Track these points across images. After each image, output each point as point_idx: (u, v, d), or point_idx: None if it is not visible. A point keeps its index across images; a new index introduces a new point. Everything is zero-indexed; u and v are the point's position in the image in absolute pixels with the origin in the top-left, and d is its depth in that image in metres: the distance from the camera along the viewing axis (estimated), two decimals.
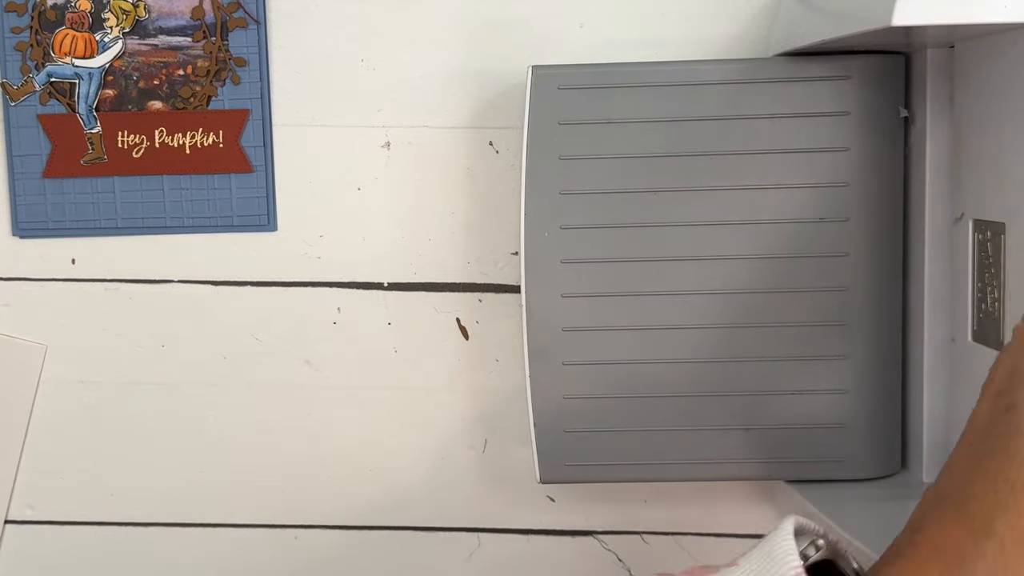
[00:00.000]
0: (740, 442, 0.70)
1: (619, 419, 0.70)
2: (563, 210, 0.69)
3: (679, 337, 0.69)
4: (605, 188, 0.69)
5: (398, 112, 0.75)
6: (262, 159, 0.75)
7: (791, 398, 0.69)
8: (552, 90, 0.68)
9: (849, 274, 0.68)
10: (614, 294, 0.69)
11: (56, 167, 0.74)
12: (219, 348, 0.77)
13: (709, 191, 0.68)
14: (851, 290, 0.68)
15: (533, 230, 0.69)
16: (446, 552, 0.79)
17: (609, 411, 0.70)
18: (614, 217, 0.69)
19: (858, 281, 0.68)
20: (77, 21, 0.73)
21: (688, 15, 0.73)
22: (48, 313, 0.76)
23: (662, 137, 0.68)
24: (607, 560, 0.79)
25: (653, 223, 0.69)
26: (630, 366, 0.70)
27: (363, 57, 0.74)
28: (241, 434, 0.78)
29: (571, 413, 0.70)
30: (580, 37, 0.73)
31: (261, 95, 0.74)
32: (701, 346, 0.69)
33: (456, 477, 0.78)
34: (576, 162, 0.68)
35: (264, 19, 0.74)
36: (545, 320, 0.70)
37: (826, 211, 0.68)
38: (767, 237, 0.68)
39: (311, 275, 0.76)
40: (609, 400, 0.70)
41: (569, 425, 0.70)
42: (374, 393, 0.77)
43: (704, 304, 0.69)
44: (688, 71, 0.68)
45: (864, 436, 0.69)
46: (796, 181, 0.68)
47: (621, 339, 0.69)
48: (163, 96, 0.74)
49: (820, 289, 0.68)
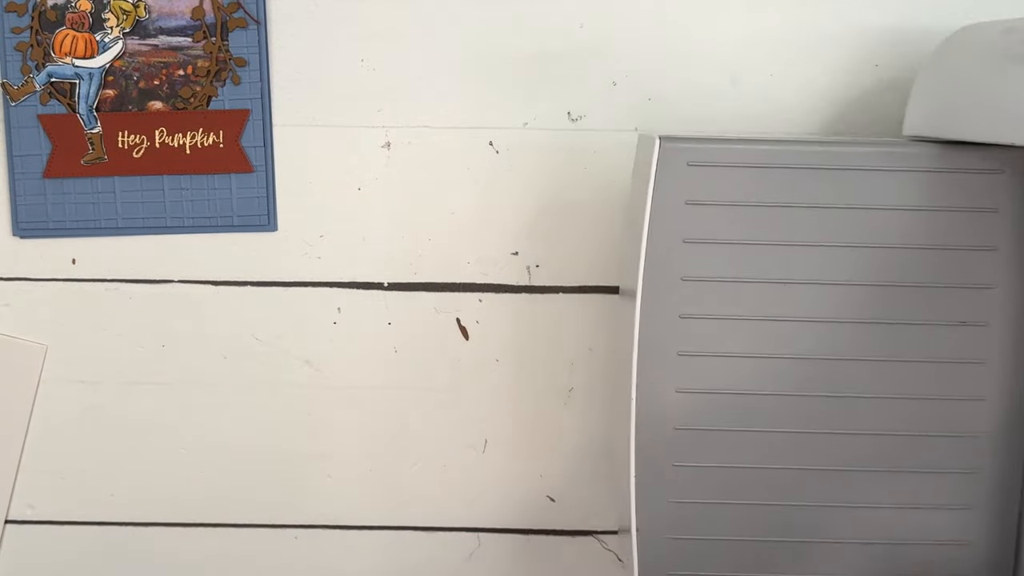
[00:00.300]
0: (857, 555, 0.64)
1: (729, 526, 0.64)
2: (685, 297, 0.62)
3: (796, 441, 0.63)
4: (729, 276, 0.62)
5: (398, 112, 0.75)
6: (262, 159, 0.75)
7: (912, 512, 0.64)
8: (681, 166, 0.61)
9: (986, 384, 0.63)
10: (731, 392, 0.63)
11: (56, 167, 0.74)
12: (219, 348, 0.77)
13: (844, 286, 0.62)
14: (986, 400, 0.63)
15: (649, 317, 0.62)
16: (446, 552, 0.79)
17: (719, 518, 0.64)
18: (738, 309, 0.62)
19: (995, 391, 0.63)
20: (77, 21, 0.73)
21: (804, 79, 0.73)
22: (48, 313, 0.76)
23: (791, 222, 0.62)
24: (607, 560, 0.79)
25: (779, 317, 0.62)
26: (744, 470, 0.64)
27: (363, 57, 0.74)
28: (241, 434, 0.78)
29: (678, 517, 0.64)
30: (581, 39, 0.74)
31: (261, 95, 0.74)
32: (821, 452, 0.64)
33: (456, 477, 0.78)
34: (701, 245, 0.62)
35: (264, 19, 0.74)
36: (657, 416, 0.63)
37: (967, 314, 0.63)
38: (900, 338, 0.63)
39: (311, 275, 0.76)
40: (720, 506, 0.64)
41: (675, 531, 0.64)
42: (374, 393, 0.77)
43: (828, 408, 0.63)
44: (825, 154, 0.62)
45: (984, 554, 0.64)
46: (935, 279, 0.62)
47: (733, 439, 0.64)
48: (163, 96, 0.74)
49: (953, 398, 0.63)
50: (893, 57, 0.72)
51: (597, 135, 0.75)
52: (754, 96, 0.73)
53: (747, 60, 0.73)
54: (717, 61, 0.73)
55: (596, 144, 0.75)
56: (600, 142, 0.75)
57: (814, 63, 0.72)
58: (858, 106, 0.73)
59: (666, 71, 0.73)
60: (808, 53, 0.72)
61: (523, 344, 0.77)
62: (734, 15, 0.73)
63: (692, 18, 0.73)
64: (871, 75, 0.73)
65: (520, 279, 0.76)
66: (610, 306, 0.76)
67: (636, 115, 0.74)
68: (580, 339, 0.76)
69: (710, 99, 0.73)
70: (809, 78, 0.73)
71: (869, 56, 0.72)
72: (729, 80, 0.73)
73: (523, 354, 0.77)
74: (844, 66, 0.73)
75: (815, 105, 0.73)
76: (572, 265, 0.76)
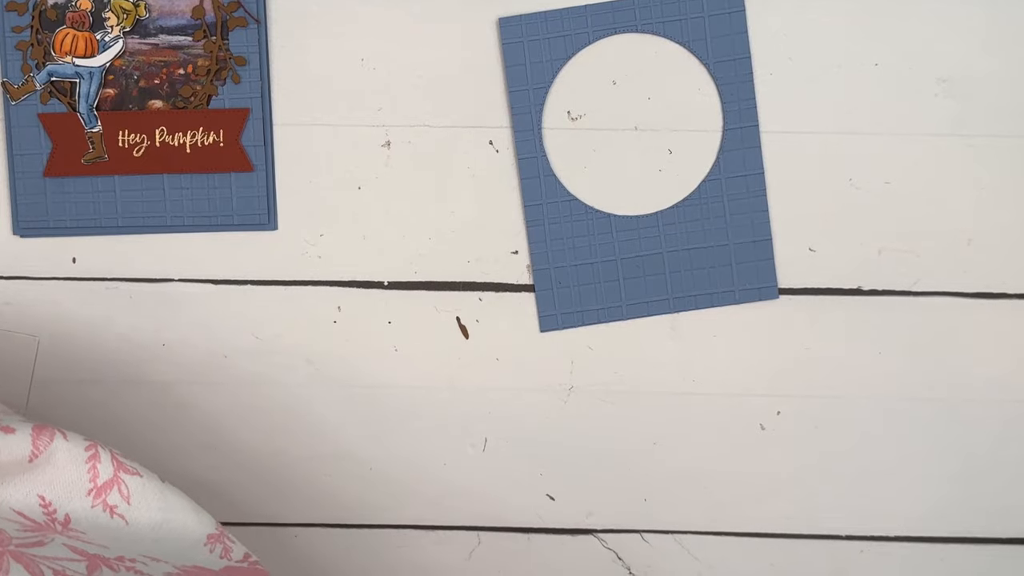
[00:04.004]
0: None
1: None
2: None
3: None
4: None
5: (398, 112, 0.75)
6: (262, 158, 0.75)
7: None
8: None
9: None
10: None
11: (57, 166, 0.74)
12: (219, 348, 0.77)
13: None
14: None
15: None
16: (446, 552, 0.79)
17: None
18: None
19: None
20: (78, 20, 0.73)
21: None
22: (48, 312, 0.76)
23: None
24: (607, 559, 0.79)
25: None
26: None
27: (363, 57, 0.75)
28: (241, 433, 0.78)
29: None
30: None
31: (261, 94, 0.74)
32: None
33: (456, 477, 0.78)
34: None
35: (264, 18, 0.74)
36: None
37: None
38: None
39: (311, 274, 0.76)
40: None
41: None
42: (374, 392, 0.77)
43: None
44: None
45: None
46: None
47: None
48: (164, 95, 0.74)
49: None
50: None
51: (598, 135, 0.75)
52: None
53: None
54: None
55: (596, 144, 0.75)
56: (600, 142, 0.75)
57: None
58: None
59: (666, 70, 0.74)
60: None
61: (523, 344, 0.77)
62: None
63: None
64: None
65: (520, 279, 0.76)
66: None
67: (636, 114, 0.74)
68: (580, 338, 0.76)
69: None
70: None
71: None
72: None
73: (523, 354, 0.77)
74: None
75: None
76: None
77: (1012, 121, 0.74)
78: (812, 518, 0.78)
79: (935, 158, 0.75)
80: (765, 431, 0.77)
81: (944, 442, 0.77)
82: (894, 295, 0.76)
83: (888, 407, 0.77)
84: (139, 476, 0.61)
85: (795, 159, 0.75)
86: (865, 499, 0.77)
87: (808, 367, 0.76)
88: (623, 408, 0.77)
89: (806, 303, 0.76)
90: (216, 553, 0.61)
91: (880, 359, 0.76)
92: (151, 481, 0.61)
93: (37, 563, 0.52)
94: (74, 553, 0.55)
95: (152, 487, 0.61)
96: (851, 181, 0.75)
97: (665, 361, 0.76)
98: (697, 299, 0.75)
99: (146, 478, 0.61)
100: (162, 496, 0.61)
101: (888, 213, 0.75)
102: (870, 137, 0.75)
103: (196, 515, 0.62)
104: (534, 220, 0.75)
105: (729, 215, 0.75)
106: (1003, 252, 0.75)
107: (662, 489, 0.78)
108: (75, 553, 0.55)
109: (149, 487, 0.61)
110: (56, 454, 0.59)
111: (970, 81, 0.74)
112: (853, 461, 0.77)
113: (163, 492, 0.61)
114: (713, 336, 0.76)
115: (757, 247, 0.75)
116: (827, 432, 0.77)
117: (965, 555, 0.78)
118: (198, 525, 0.62)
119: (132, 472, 0.61)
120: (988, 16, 0.74)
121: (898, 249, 0.75)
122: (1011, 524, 0.78)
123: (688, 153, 0.75)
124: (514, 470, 0.78)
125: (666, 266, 0.75)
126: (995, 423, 0.77)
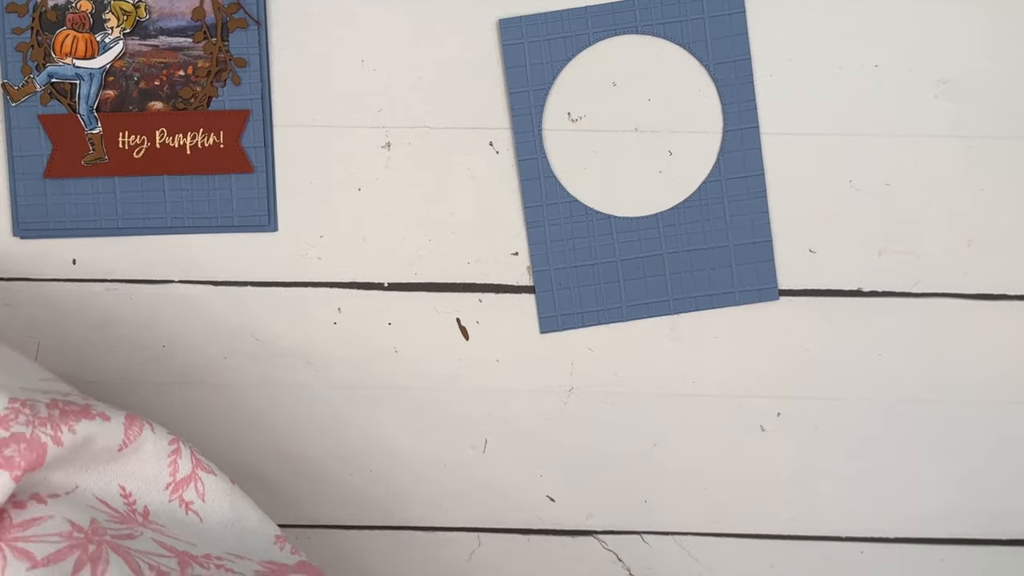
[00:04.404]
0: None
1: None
2: None
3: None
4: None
5: (398, 112, 0.75)
6: (262, 159, 0.75)
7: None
8: None
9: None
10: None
11: (57, 167, 0.74)
12: (219, 348, 0.77)
13: None
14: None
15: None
16: (446, 552, 0.79)
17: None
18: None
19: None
20: (78, 22, 0.73)
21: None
22: (49, 313, 0.76)
23: None
24: (607, 560, 0.79)
25: None
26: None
27: (363, 57, 0.74)
28: (241, 434, 0.78)
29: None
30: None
31: (262, 95, 0.74)
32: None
33: (456, 477, 0.78)
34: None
35: (264, 20, 0.74)
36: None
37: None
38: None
39: (311, 275, 0.76)
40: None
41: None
42: (374, 393, 0.77)
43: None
44: None
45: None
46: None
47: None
48: (164, 97, 0.74)
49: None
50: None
51: (598, 136, 0.75)
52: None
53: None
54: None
55: (597, 145, 0.75)
56: (601, 143, 0.75)
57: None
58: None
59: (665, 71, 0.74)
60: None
61: (523, 345, 0.77)
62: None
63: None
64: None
65: (520, 280, 0.76)
66: None
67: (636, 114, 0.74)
68: (580, 340, 0.76)
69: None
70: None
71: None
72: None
73: (523, 355, 0.77)
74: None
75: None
76: None
77: (1012, 122, 0.74)
78: (812, 519, 0.78)
79: (935, 159, 0.75)
80: (765, 432, 0.77)
81: (944, 443, 0.77)
82: (894, 296, 0.76)
83: (888, 408, 0.77)
84: (213, 475, 0.61)
85: (795, 160, 0.75)
86: (865, 500, 0.78)
87: (808, 368, 0.76)
88: (623, 409, 0.77)
89: (806, 304, 0.76)
90: (287, 551, 0.62)
91: (880, 360, 0.76)
92: (223, 481, 0.61)
93: (133, 557, 0.52)
94: (163, 549, 0.55)
95: (223, 487, 0.61)
96: (851, 182, 0.75)
97: (665, 362, 0.76)
98: (697, 300, 0.75)
99: (219, 477, 0.61)
100: (231, 496, 0.61)
101: (888, 214, 0.75)
102: (870, 138, 0.75)
103: (259, 516, 0.63)
104: (534, 221, 0.75)
105: (729, 216, 0.75)
106: (1003, 253, 0.75)
107: (662, 490, 0.78)
108: (164, 549, 0.55)
109: (221, 486, 0.61)
110: (144, 446, 0.59)
111: (970, 83, 0.74)
112: (853, 462, 0.77)
113: (232, 492, 0.61)
114: (713, 337, 0.76)
115: (757, 248, 0.75)
116: (827, 433, 0.77)
117: (965, 556, 0.78)
118: (266, 525, 0.62)
119: (208, 470, 0.61)
120: (988, 17, 0.74)
121: (898, 250, 0.75)
122: (1011, 525, 0.78)
123: (688, 154, 0.75)
124: (514, 471, 0.78)
125: (666, 267, 0.75)
126: (995, 424, 0.77)
